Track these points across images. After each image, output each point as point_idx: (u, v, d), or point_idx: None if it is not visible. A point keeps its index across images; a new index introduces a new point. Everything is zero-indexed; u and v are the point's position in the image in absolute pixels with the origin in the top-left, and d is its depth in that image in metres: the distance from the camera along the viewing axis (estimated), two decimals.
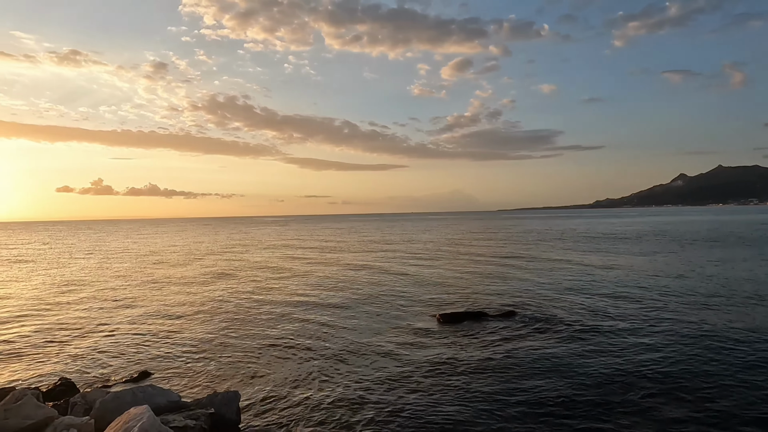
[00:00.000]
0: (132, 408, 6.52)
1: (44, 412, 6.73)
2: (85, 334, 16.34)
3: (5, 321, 18.64)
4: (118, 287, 27.27)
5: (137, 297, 23.78)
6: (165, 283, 28.83)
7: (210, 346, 14.47)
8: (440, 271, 30.81)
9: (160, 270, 35.67)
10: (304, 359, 12.90)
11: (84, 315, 19.61)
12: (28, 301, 23.26)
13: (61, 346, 14.89)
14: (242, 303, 21.44)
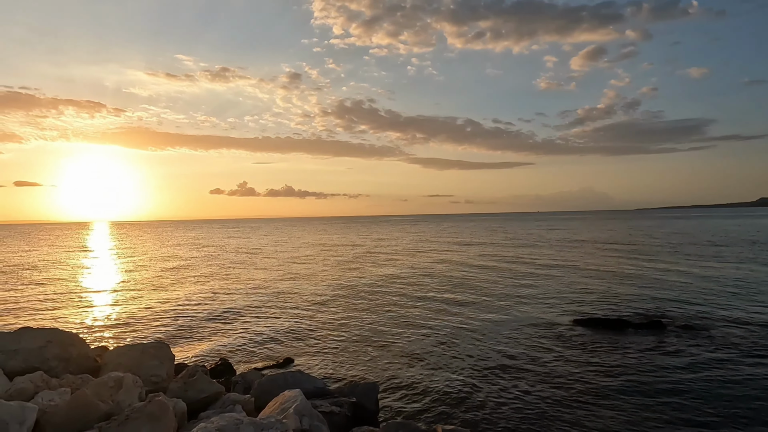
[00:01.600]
0: (286, 391, 7.13)
1: (215, 388, 7.65)
2: (241, 321, 18.22)
3: (185, 305, 21.50)
4: (271, 279, 29.96)
5: (286, 289, 25.91)
6: (311, 277, 31.02)
7: (348, 338, 15.29)
8: (573, 271, 29.09)
9: (307, 265, 38.47)
10: (436, 355, 13.07)
11: (243, 303, 21.87)
12: (198, 287, 26.58)
13: (221, 331, 16.78)
14: (378, 298, 22.30)
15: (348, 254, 47.82)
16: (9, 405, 5.51)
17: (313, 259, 42.93)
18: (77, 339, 8.97)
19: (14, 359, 8.08)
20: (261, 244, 67.76)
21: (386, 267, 35.22)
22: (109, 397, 6.51)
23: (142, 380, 7.65)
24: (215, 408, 7.26)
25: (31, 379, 6.88)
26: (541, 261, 36.16)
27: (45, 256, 53.63)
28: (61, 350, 8.49)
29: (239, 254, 51.24)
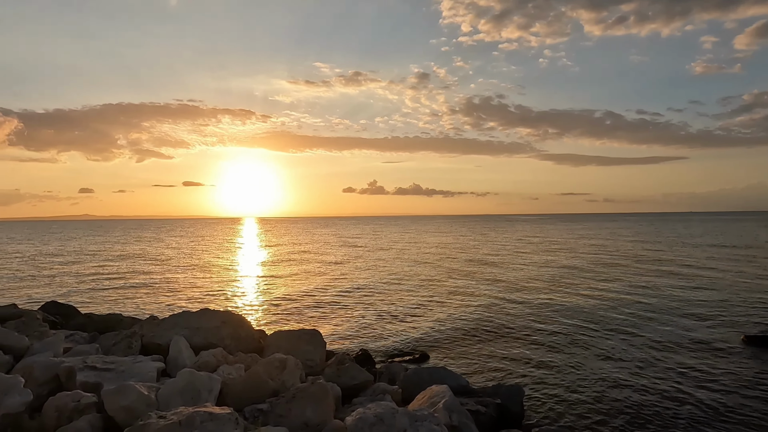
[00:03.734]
0: (433, 385, 7.23)
1: (365, 376, 8.06)
2: (379, 314, 18.98)
3: (328, 296, 23.11)
4: (408, 274, 30.85)
5: (423, 284, 26.45)
6: (449, 273, 31.31)
7: (483, 336, 15.09)
8: (743, 281, 25.34)
9: (443, 260, 38.94)
10: (586, 361, 12.30)
11: (381, 296, 22.81)
12: (340, 280, 28.34)
13: (360, 322, 17.64)
14: (516, 297, 21.71)
15: (483, 250, 47.14)
16: (200, 375, 6.36)
17: (448, 255, 43.08)
18: (245, 321, 10.08)
19: (197, 336, 9.32)
20: (396, 240, 69.82)
21: (526, 265, 34.02)
22: (275, 376, 7.19)
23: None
24: (366, 395, 7.63)
25: (213, 353, 7.88)
26: (704, 265, 32.07)
27: (211, 247, 61.22)
28: (233, 330, 9.61)
29: (376, 250, 53.34)
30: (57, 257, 47.95)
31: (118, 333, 9.90)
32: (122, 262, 41.52)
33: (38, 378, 6.83)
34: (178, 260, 43.67)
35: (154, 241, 77.01)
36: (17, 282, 29.60)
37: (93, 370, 6.79)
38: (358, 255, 46.95)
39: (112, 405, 5.41)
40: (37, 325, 9.75)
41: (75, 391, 5.98)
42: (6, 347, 8.14)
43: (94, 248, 61.23)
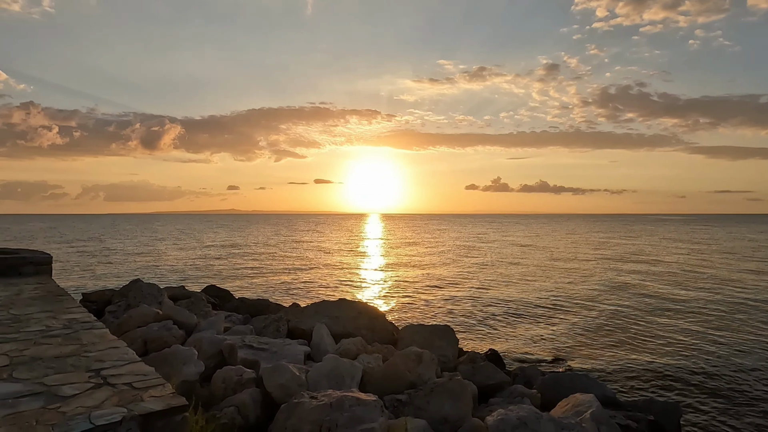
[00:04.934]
0: (578, 393, 6.79)
1: (501, 377, 7.85)
2: (508, 313, 18.43)
3: (457, 292, 23.12)
4: (537, 275, 29.72)
5: (560, 285, 25.25)
6: (588, 275, 29.58)
7: (631, 346, 13.87)
8: None
9: (578, 263, 36.90)
10: (756, 385, 10.69)
11: (511, 296, 22.21)
12: (470, 277, 28.20)
13: (487, 320, 17.27)
14: (666, 305, 19.70)
15: (627, 250, 43.45)
16: (344, 361, 6.69)
17: (584, 256, 40.46)
18: (380, 313, 10.40)
19: (336, 324, 9.84)
20: (523, 238, 67.36)
21: (686, 271, 30.65)
22: (412, 369, 7.30)
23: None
24: (503, 396, 7.42)
25: (353, 342, 8.24)
26: None
27: (340, 241, 64.61)
28: (368, 321, 9.98)
29: (501, 248, 51.99)
30: (211, 248, 54.17)
31: (267, 317, 10.84)
32: (265, 253, 45.60)
33: (206, 352, 7.72)
34: (312, 252, 46.77)
35: (291, 235, 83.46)
36: (182, 266, 34.03)
37: (250, 349, 7.51)
38: (483, 252, 46.08)
39: (269, 382, 5.92)
40: (202, 305, 11.07)
41: (238, 366, 6.65)
42: (180, 323, 9.35)
43: (240, 240, 68.14)
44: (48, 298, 7.06)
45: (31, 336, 4.78)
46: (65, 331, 5.01)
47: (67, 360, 4.04)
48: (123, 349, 4.43)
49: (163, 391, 3.36)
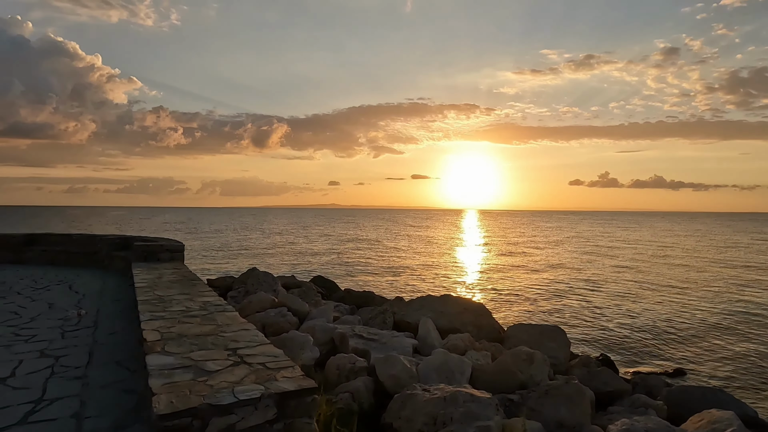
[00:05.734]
0: (714, 409, 6.13)
1: (620, 384, 7.34)
2: (621, 316, 17.22)
3: (564, 291, 22.13)
4: (655, 278, 27.53)
5: (677, 289, 23.21)
6: (708, 280, 26.92)
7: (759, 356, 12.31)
8: None
9: (706, 267, 33.69)
10: None
11: (624, 297, 20.78)
12: (579, 276, 26.85)
13: (599, 324, 16.24)
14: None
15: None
16: (453, 356, 6.66)
17: (713, 259, 36.63)
18: (485, 310, 10.21)
19: (442, 319, 9.83)
20: (636, 238, 62.47)
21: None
22: (523, 369, 7.08)
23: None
24: (623, 405, 6.93)
25: (461, 338, 8.18)
26: None
27: (440, 236, 64.54)
28: (474, 318, 9.84)
29: (612, 247, 48.67)
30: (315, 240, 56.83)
31: (373, 308, 11.12)
32: (367, 247, 46.90)
33: (319, 339, 8.10)
34: (412, 247, 47.23)
35: (390, 229, 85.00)
36: (290, 257, 36.11)
37: (360, 339, 7.75)
38: (591, 251, 43.40)
39: (382, 371, 6.06)
40: (313, 294, 11.64)
41: (350, 354, 6.89)
42: (294, 310, 9.91)
43: (342, 233, 70.69)
44: (184, 282, 7.83)
45: (175, 315, 5.34)
46: (202, 312, 5.52)
47: (207, 338, 4.44)
48: (253, 331, 4.79)
49: (294, 373, 3.57)
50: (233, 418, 3.02)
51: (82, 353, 5.59)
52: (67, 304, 8.13)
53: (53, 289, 9.48)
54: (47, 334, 6.33)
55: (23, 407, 4.09)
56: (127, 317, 7.33)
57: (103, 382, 4.72)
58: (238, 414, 3.04)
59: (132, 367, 5.17)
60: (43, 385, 4.58)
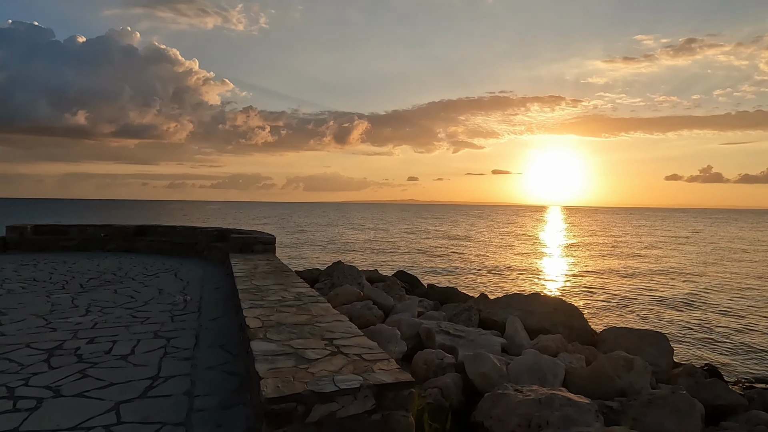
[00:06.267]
0: None
1: (735, 398, 6.68)
2: (727, 324, 15.72)
3: (668, 298, 20.66)
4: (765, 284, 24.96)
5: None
6: None
7: None
8: None
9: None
10: None
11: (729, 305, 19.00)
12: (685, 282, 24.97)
13: (703, 331, 14.93)
14: None
15: None
16: (546, 358, 6.40)
17: None
18: (577, 312, 9.73)
19: (530, 318, 9.50)
20: (754, 240, 56.71)
21: None
22: (621, 375, 6.65)
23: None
24: (738, 422, 6.30)
25: (553, 339, 7.85)
26: None
27: (524, 233, 62.61)
28: (565, 319, 9.41)
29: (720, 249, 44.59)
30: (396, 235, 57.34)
31: (458, 305, 10.99)
32: (447, 242, 46.58)
33: (405, 333, 8.13)
34: (494, 243, 46.22)
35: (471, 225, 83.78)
36: (372, 251, 36.72)
37: (447, 335, 7.68)
38: (695, 252, 39.97)
39: (471, 369, 5.97)
40: (397, 289, 11.73)
41: (438, 350, 6.85)
42: (379, 304, 10.04)
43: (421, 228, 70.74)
44: (278, 272, 8.20)
45: (273, 304, 5.59)
46: (297, 303, 5.73)
47: (304, 328, 4.60)
48: (346, 322, 4.90)
49: (390, 366, 3.60)
50: (334, 406, 3.09)
51: (190, 336, 6.02)
52: (174, 290, 8.82)
53: (161, 276, 10.33)
54: (159, 317, 6.90)
55: (143, 382, 4.48)
56: (226, 304, 7.81)
57: (209, 364, 5.05)
58: (339, 402, 3.11)
59: (233, 351, 5.49)
60: (158, 364, 4.99)
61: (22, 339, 5.73)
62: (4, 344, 5.51)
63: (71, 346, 5.48)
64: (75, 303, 7.67)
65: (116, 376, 4.61)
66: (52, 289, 8.77)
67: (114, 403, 4.02)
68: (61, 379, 4.50)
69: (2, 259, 12.67)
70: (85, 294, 8.36)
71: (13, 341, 5.64)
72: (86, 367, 4.84)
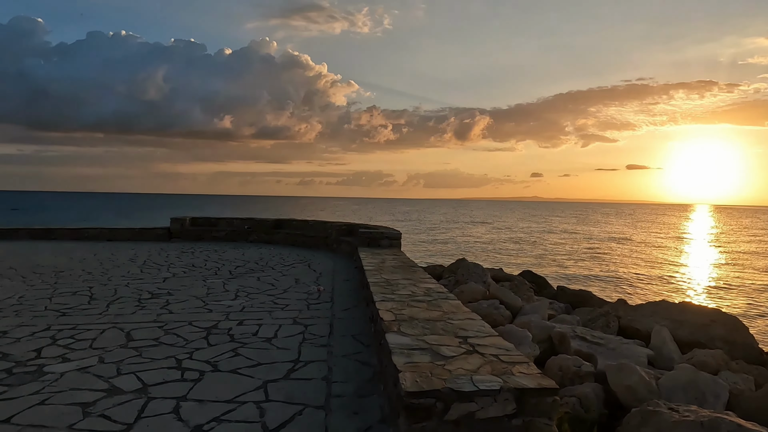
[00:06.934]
0: None
1: None
2: None
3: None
4: None
5: None
6: None
7: None
8: None
9: None
10: None
11: None
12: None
13: None
14: None
15: None
16: (704, 375, 5.65)
17: None
18: (741, 325, 8.48)
19: (681, 329, 8.47)
20: None
21: None
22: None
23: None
24: None
25: (712, 355, 6.92)
26: None
27: (667, 235, 56.63)
28: (726, 332, 8.24)
29: None
30: (519, 232, 55.30)
31: (593, 310, 10.20)
32: (577, 242, 43.77)
33: (535, 336, 7.72)
34: (632, 244, 42.40)
35: (600, 224, 77.80)
36: (493, 249, 35.82)
37: (583, 341, 7.14)
38: None
39: (615, 380, 5.47)
40: (525, 289, 11.23)
41: (574, 356, 6.40)
42: (506, 304, 9.69)
43: (547, 227, 67.36)
44: (405, 267, 8.29)
45: (403, 298, 5.64)
46: (426, 298, 5.72)
47: (436, 324, 4.56)
48: (479, 321, 4.76)
49: (530, 370, 3.40)
50: (473, 406, 2.99)
51: (324, 324, 6.33)
52: (309, 280, 9.37)
53: (297, 267, 11.05)
54: (296, 305, 7.36)
55: (286, 365, 4.79)
56: (356, 296, 8.10)
57: (344, 352, 5.25)
58: (478, 403, 3.00)
59: (365, 342, 5.64)
60: (298, 348, 5.31)
61: (185, 317, 6.48)
62: (172, 321, 6.28)
63: (225, 327, 6.06)
64: (226, 288, 8.51)
65: (263, 357, 4.98)
66: (206, 274, 9.83)
67: (262, 381, 4.35)
68: (218, 356, 4.98)
69: (167, 246, 14.54)
70: (234, 280, 9.24)
71: (179, 319, 6.40)
72: (238, 346, 5.31)
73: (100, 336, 5.59)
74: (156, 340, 5.49)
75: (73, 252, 12.82)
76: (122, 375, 4.43)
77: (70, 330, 5.81)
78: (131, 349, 5.14)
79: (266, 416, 3.67)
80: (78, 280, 8.93)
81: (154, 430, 3.43)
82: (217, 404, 3.86)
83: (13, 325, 5.97)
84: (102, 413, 3.66)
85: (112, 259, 11.71)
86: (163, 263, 11.16)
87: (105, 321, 6.25)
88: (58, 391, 4.05)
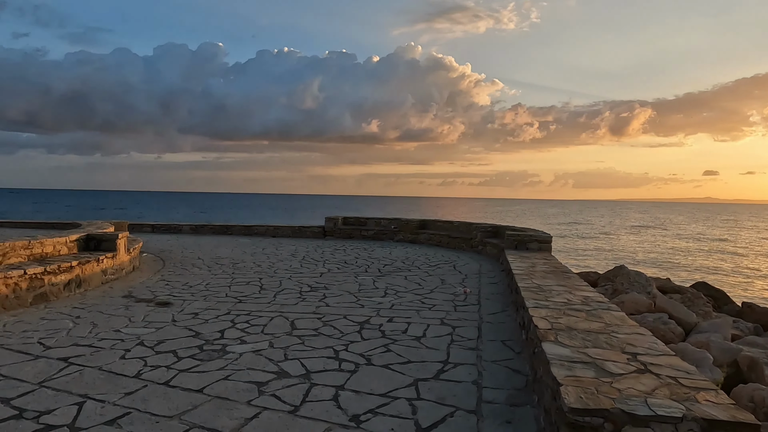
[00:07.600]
0: None
1: None
2: None
3: None
4: None
5: None
6: None
7: None
8: None
9: None
10: None
11: None
12: None
13: None
14: None
15: None
16: None
17: None
18: None
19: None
20: None
21: None
22: None
23: None
24: None
25: None
26: None
27: None
28: None
29: None
30: (689, 239, 48.81)
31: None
32: (763, 252, 37.32)
33: (716, 358, 6.71)
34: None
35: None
36: (656, 256, 32.10)
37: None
38: None
39: None
40: (702, 304, 9.84)
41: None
42: (677, 319, 8.59)
43: (726, 234, 58.42)
44: (557, 273, 7.81)
45: (559, 306, 5.30)
46: (585, 308, 5.29)
47: (599, 336, 4.19)
48: (650, 337, 4.25)
49: (719, 398, 2.93)
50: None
51: (472, 327, 6.23)
52: (455, 282, 9.33)
53: (442, 267, 11.09)
54: (443, 305, 7.37)
55: (435, 365, 4.81)
56: (504, 300, 7.84)
57: (493, 358, 5.10)
58: (654, 429, 2.67)
59: (516, 348, 5.42)
60: (446, 349, 5.29)
61: (341, 311, 6.89)
62: (329, 314, 6.72)
63: (376, 323, 6.31)
64: (375, 285, 8.87)
65: (412, 355, 5.07)
66: (357, 271, 10.37)
67: (413, 379, 4.42)
68: (371, 350, 5.20)
69: (323, 243, 15.69)
70: (382, 278, 9.59)
71: (335, 312, 6.83)
72: (389, 342, 5.48)
73: (269, 323, 6.21)
74: (316, 330, 5.92)
75: (246, 246, 14.51)
76: (288, 360, 4.85)
77: (245, 315, 6.56)
78: (295, 337, 5.62)
79: (418, 414, 3.72)
80: (250, 272, 10.07)
81: (318, 414, 3.68)
82: (372, 396, 4.01)
83: (202, 308, 6.94)
84: (273, 393, 4.05)
85: (276, 253, 12.98)
86: (320, 259, 12.05)
87: (273, 309, 6.93)
88: (238, 369, 4.58)
